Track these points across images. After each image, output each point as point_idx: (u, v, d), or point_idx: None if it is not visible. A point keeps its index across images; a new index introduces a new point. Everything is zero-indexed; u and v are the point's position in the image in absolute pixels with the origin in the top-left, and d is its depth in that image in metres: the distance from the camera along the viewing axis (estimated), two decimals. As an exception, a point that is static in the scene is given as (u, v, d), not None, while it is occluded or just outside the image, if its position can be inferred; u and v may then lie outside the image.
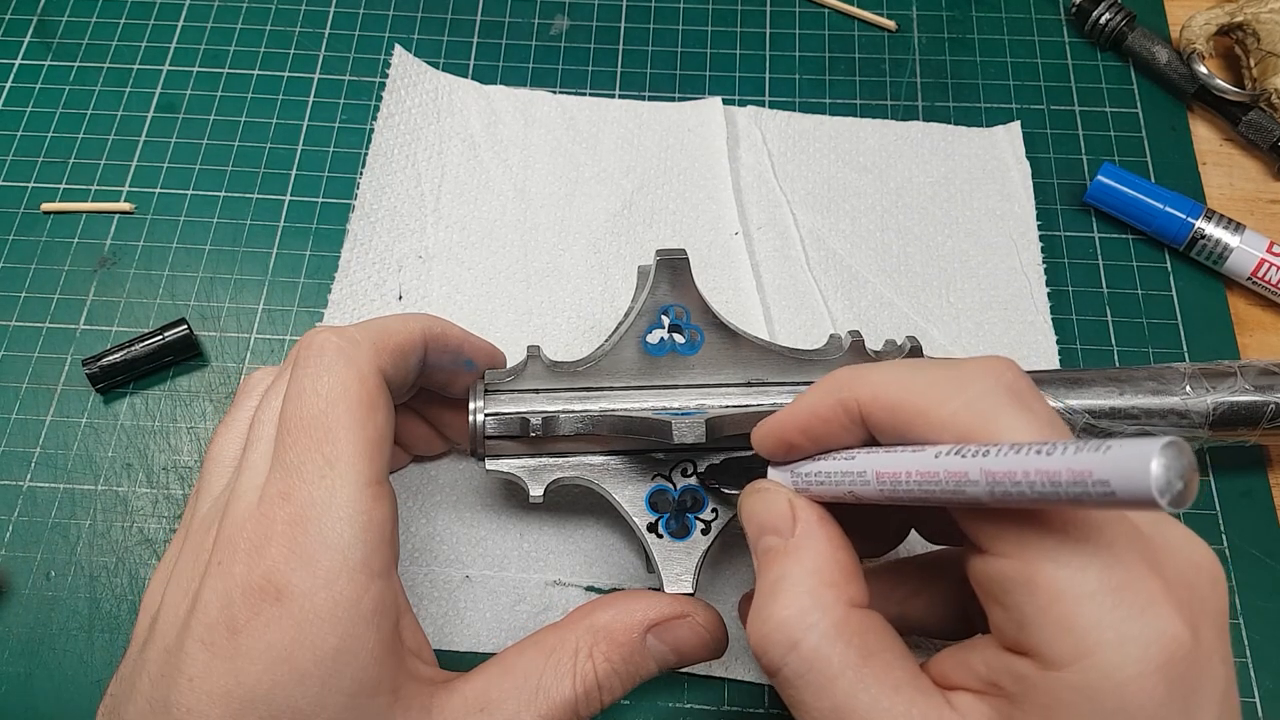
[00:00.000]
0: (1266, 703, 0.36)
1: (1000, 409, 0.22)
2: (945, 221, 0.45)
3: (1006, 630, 0.22)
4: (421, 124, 0.47)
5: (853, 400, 0.25)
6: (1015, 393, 0.23)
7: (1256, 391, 0.35)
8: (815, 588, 0.24)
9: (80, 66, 0.50)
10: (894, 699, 0.22)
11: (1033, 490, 0.19)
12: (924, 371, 0.24)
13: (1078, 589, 0.20)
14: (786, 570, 0.25)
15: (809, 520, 0.26)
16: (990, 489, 0.20)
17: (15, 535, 0.39)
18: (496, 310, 0.43)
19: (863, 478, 0.24)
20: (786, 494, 0.27)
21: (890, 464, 0.23)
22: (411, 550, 0.38)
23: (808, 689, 0.23)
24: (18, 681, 0.36)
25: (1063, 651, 0.20)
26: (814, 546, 0.25)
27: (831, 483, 0.25)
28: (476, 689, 0.28)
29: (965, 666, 0.23)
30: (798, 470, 0.27)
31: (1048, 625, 0.21)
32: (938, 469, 0.22)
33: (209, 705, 0.24)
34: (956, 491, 0.21)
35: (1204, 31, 0.47)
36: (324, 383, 0.27)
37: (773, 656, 0.24)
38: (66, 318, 0.43)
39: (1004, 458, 0.20)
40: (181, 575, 0.27)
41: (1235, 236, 0.43)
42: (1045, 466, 0.19)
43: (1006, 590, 0.22)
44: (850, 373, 0.25)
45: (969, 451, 0.21)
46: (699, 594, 0.32)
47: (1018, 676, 0.22)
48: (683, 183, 0.46)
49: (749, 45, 0.51)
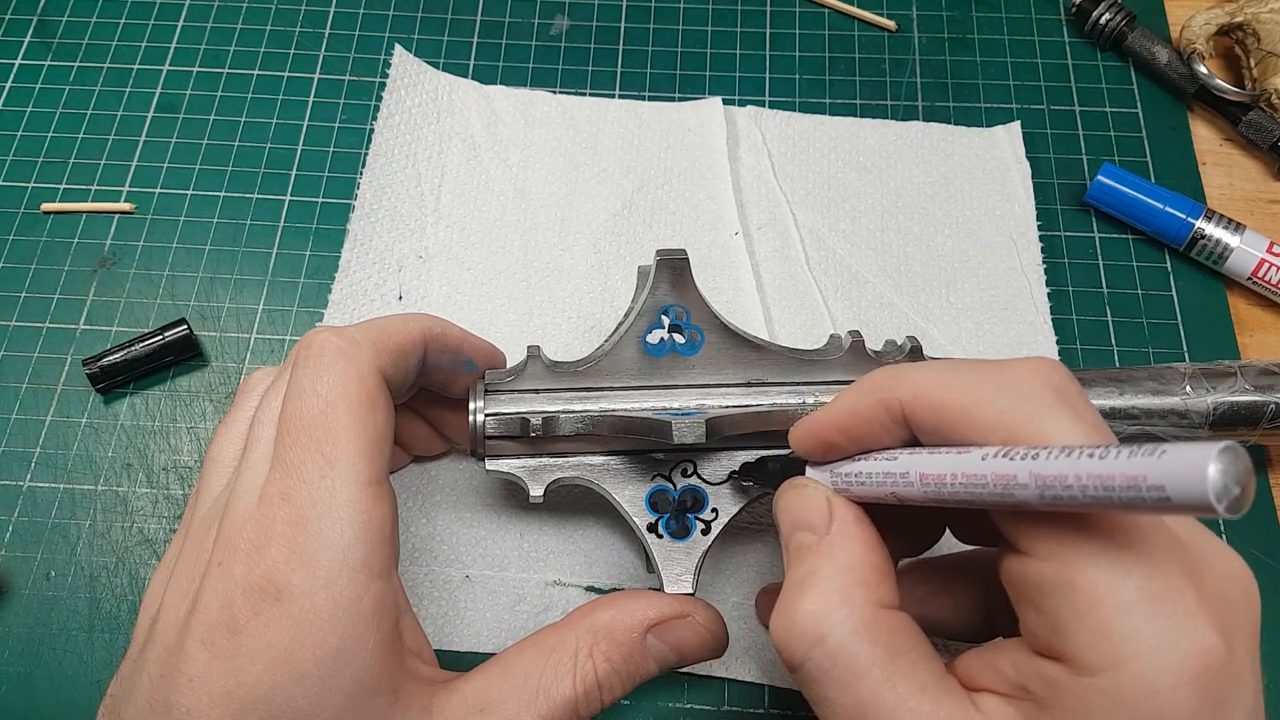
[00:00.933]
0: (1267, 704, 0.36)
1: (1047, 411, 0.22)
2: (945, 221, 0.45)
3: (1039, 633, 0.22)
4: (421, 124, 0.47)
5: (894, 400, 0.24)
6: (1063, 395, 0.22)
7: (1256, 391, 0.35)
8: (846, 585, 0.24)
9: (80, 66, 0.50)
10: (920, 699, 0.22)
11: (1085, 495, 0.19)
12: (968, 371, 0.24)
13: (1117, 596, 0.20)
14: (818, 566, 0.25)
15: (845, 519, 0.26)
16: (1040, 492, 0.20)
17: (15, 535, 0.39)
18: (496, 310, 0.43)
19: (906, 479, 0.24)
20: (825, 491, 0.26)
21: (935, 465, 0.23)
22: (411, 550, 0.38)
23: (832, 685, 0.23)
24: (18, 681, 0.36)
25: (1098, 657, 0.20)
26: (848, 545, 0.25)
27: (873, 483, 0.25)
28: (476, 689, 0.28)
29: (992, 669, 0.23)
30: (837, 470, 0.27)
31: (1084, 630, 0.20)
32: (985, 471, 0.21)
33: (209, 705, 0.24)
34: (1004, 494, 0.21)
35: (1204, 31, 0.47)
36: (324, 383, 0.27)
37: (796, 650, 0.24)
38: (67, 318, 0.43)
39: (1055, 461, 0.20)
40: (181, 575, 0.27)
41: (1235, 236, 0.43)
42: (1099, 470, 0.19)
43: (1043, 593, 0.21)
44: (891, 372, 0.25)
45: (1017, 454, 0.21)
46: (699, 594, 0.32)
47: (1048, 681, 0.21)
48: (683, 183, 0.46)
49: (749, 45, 0.51)
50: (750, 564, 0.38)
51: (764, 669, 0.36)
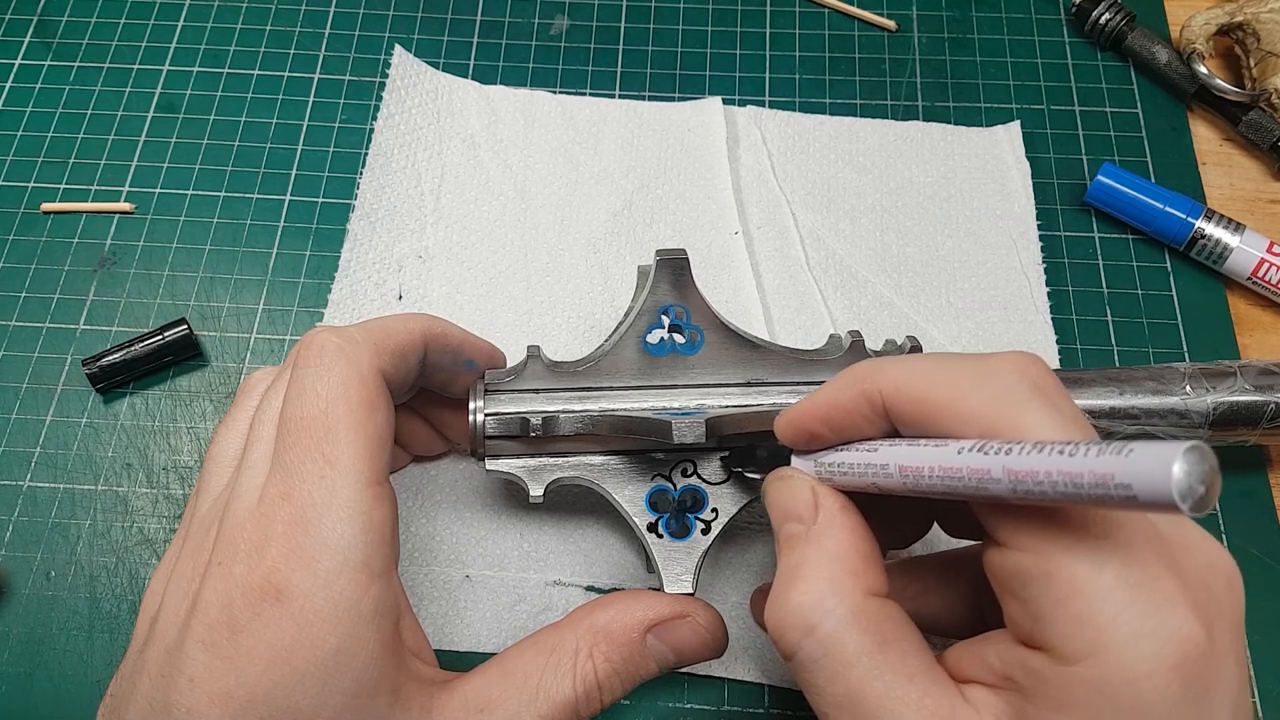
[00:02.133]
0: (1266, 703, 0.36)
1: (1025, 405, 0.22)
2: (945, 221, 0.45)
3: (1021, 624, 0.22)
4: (421, 124, 0.47)
5: (875, 392, 0.25)
6: (1040, 389, 0.23)
7: (1256, 391, 0.35)
8: (835, 574, 0.24)
9: (80, 66, 0.50)
10: (908, 688, 0.22)
11: (1055, 490, 0.19)
12: (948, 365, 0.24)
13: (1095, 584, 0.20)
14: (806, 556, 0.25)
15: (831, 508, 0.26)
16: (1013, 487, 0.20)
17: (15, 535, 0.39)
18: (496, 310, 0.43)
19: (885, 470, 0.24)
20: (810, 482, 0.27)
21: (913, 457, 0.23)
22: (411, 550, 0.38)
23: (821, 673, 0.23)
24: (18, 681, 0.36)
25: (1077, 646, 0.20)
26: (835, 534, 0.25)
27: (854, 473, 0.25)
28: (477, 689, 0.28)
29: (979, 660, 0.23)
30: (820, 459, 0.27)
31: (1063, 619, 0.21)
32: (960, 464, 0.22)
33: (209, 706, 0.24)
34: (979, 487, 0.21)
35: (1204, 31, 0.47)
36: (324, 383, 0.27)
37: (789, 640, 0.24)
38: (66, 318, 0.43)
39: (1027, 456, 0.20)
40: (181, 575, 0.27)
41: (1235, 236, 0.43)
42: (1068, 467, 0.19)
43: (1023, 583, 0.22)
44: (873, 365, 0.25)
45: (992, 448, 0.21)
46: (699, 594, 0.32)
47: (1031, 670, 0.22)
48: (683, 183, 0.46)
49: (749, 45, 0.51)
50: (750, 564, 0.38)
51: (764, 669, 0.36)
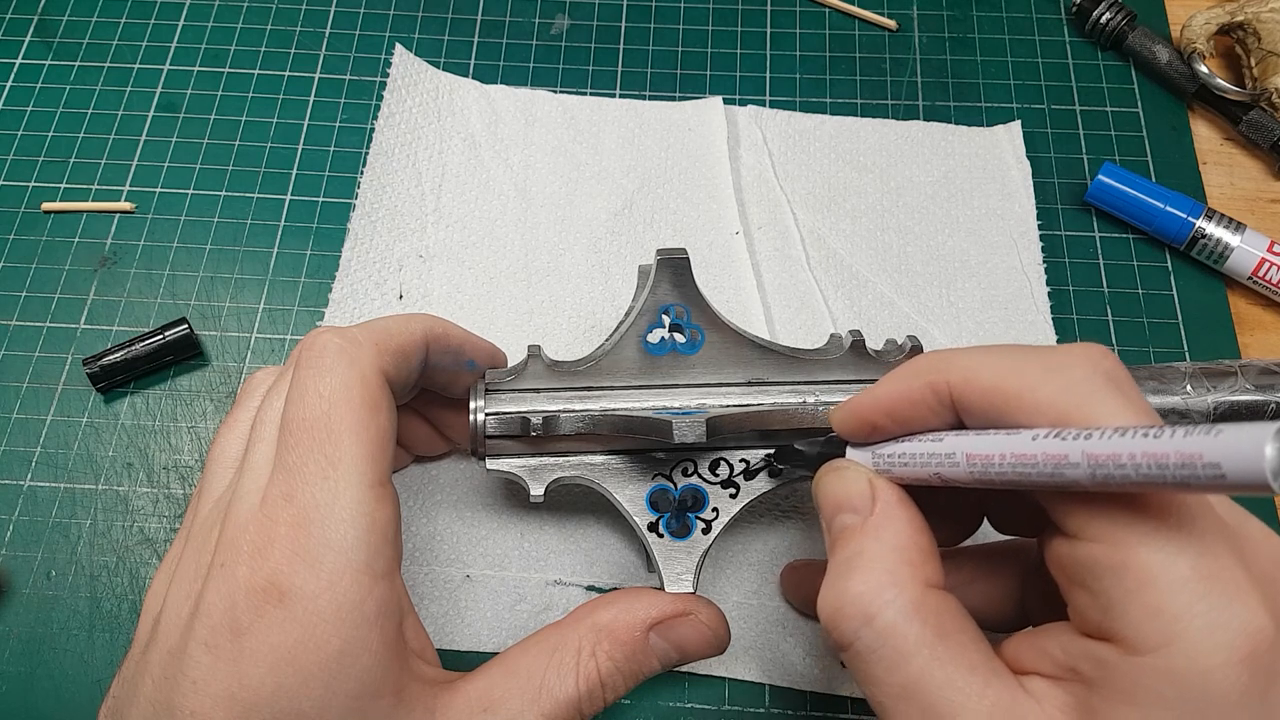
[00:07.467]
0: None
1: (1099, 395, 0.22)
2: (945, 221, 0.45)
3: (1090, 615, 0.22)
4: (422, 123, 0.47)
5: (943, 383, 0.24)
6: (1114, 380, 0.23)
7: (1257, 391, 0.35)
8: (894, 565, 0.24)
9: (81, 66, 0.49)
10: (969, 679, 0.22)
11: (1138, 473, 0.19)
12: (1017, 356, 0.24)
13: (1170, 575, 0.20)
14: (864, 546, 0.25)
15: (888, 500, 0.26)
16: (1092, 472, 0.20)
17: (15, 535, 0.39)
18: (497, 310, 0.43)
19: (951, 459, 0.24)
20: (867, 473, 0.27)
21: (983, 446, 0.23)
22: (412, 550, 0.38)
23: (880, 664, 0.23)
24: (18, 681, 0.36)
25: (1149, 636, 0.20)
26: (893, 525, 0.25)
27: (917, 464, 0.25)
28: (480, 689, 0.28)
29: (1040, 651, 0.23)
30: (879, 451, 0.27)
31: (1136, 609, 0.21)
32: (1035, 451, 0.21)
33: (212, 708, 0.24)
34: (1054, 474, 0.21)
35: (1204, 31, 0.48)
36: (326, 384, 0.27)
37: (845, 630, 0.24)
38: (67, 317, 0.43)
39: (1109, 440, 0.20)
40: (184, 577, 0.27)
41: (1236, 236, 0.43)
42: (1153, 449, 0.19)
43: (1094, 575, 0.22)
44: (940, 356, 0.25)
45: (1069, 435, 0.21)
46: (699, 593, 0.32)
47: (1098, 661, 0.22)
48: (683, 182, 0.46)
49: (749, 45, 0.51)
50: (750, 563, 0.38)
51: (764, 668, 0.36)
